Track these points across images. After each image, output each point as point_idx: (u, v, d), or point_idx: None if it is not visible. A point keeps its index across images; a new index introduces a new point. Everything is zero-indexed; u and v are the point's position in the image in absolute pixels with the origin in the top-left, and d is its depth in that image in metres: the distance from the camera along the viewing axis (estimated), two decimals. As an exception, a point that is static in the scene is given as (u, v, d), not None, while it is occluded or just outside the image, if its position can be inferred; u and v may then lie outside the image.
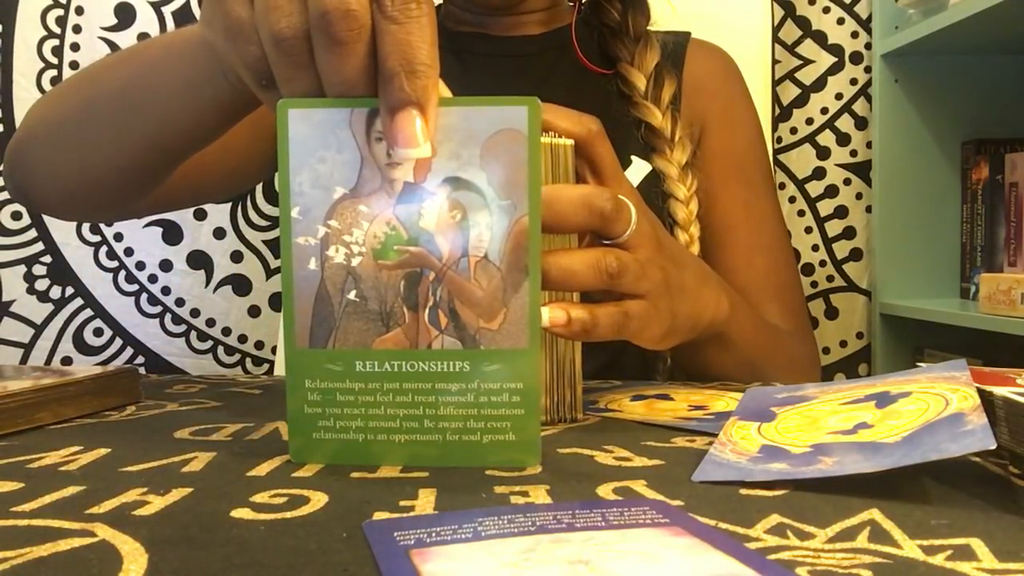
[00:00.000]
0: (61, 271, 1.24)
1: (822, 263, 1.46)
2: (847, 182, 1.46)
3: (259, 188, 1.26)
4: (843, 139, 1.45)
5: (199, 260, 1.28)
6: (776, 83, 1.41)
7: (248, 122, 0.63)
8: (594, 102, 0.72)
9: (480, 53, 0.80)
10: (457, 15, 0.82)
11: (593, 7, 0.82)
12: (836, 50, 1.44)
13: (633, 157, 0.74)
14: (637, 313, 0.44)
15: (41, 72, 1.31)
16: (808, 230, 1.46)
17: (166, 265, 1.27)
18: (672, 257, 0.48)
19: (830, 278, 1.46)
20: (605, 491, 0.31)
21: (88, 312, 1.25)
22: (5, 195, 1.24)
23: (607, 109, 0.74)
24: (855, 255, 1.46)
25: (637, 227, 0.44)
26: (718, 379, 0.60)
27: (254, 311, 1.28)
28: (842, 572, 0.23)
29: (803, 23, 1.43)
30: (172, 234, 1.26)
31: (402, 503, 0.29)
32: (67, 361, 1.24)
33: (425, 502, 0.30)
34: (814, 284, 1.46)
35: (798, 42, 1.43)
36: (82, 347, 1.25)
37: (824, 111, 1.45)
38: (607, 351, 0.71)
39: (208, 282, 1.30)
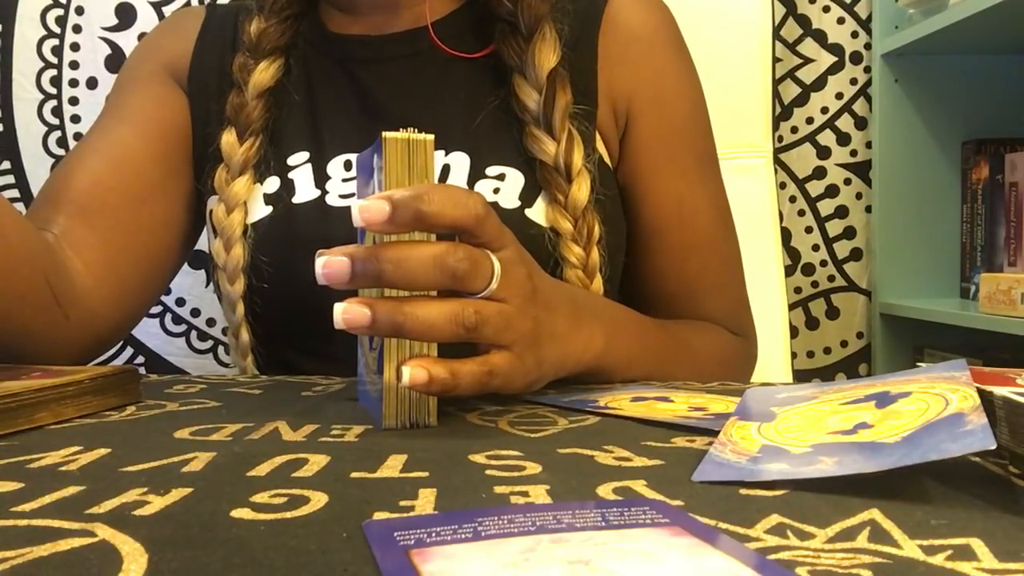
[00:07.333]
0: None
1: (822, 263, 1.46)
2: (847, 182, 1.46)
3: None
4: (843, 139, 1.45)
5: (199, 260, 1.27)
6: (777, 82, 1.41)
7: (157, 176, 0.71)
8: (493, 99, 0.70)
9: (365, 60, 0.73)
10: (333, 14, 0.75)
11: None
12: (836, 49, 1.44)
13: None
14: (501, 369, 0.43)
15: (41, 72, 1.31)
16: (808, 230, 1.46)
17: (166, 265, 1.26)
18: (546, 303, 0.47)
19: (830, 278, 1.46)
20: (605, 491, 0.31)
21: (88, 312, 1.25)
22: (15, 193, 1.25)
23: (507, 106, 0.69)
24: (855, 255, 1.46)
25: (505, 278, 0.42)
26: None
27: (254, 311, 1.27)
28: (842, 572, 0.23)
29: (803, 21, 1.43)
30: (172, 234, 1.26)
31: (402, 503, 0.29)
32: (67, 361, 1.24)
33: (425, 502, 0.30)
34: (814, 284, 1.46)
35: (799, 40, 1.44)
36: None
37: (824, 110, 1.45)
38: None
39: (208, 282, 1.30)
